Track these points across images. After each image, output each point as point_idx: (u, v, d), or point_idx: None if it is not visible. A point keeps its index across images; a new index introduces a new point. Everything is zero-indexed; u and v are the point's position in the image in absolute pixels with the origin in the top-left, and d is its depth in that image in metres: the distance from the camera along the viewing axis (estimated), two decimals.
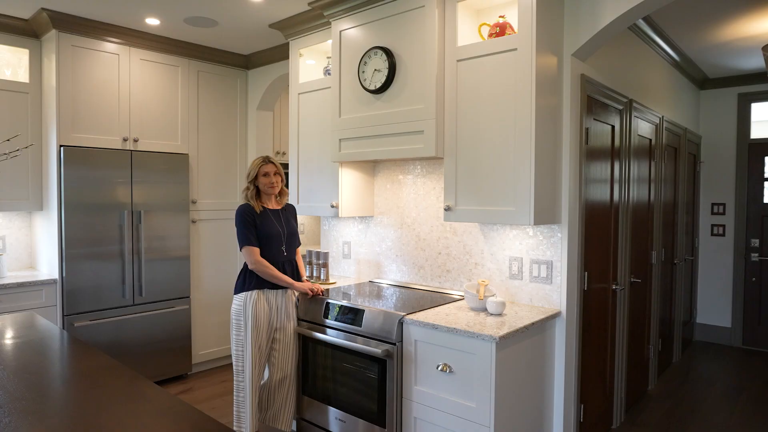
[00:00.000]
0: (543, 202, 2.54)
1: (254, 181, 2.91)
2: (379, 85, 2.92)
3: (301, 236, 3.41)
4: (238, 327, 2.84)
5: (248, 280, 2.86)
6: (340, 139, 3.16)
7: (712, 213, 5.51)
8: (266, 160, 2.93)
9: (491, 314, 2.58)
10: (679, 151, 4.73)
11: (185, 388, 4.14)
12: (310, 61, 3.73)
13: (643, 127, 3.79)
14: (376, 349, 2.59)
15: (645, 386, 4.08)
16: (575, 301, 2.79)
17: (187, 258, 4.26)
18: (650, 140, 3.95)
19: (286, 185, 3.13)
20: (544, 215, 2.56)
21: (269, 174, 2.90)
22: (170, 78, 4.18)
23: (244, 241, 2.83)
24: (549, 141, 2.58)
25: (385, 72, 2.88)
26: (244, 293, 2.85)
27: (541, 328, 2.58)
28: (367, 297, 2.99)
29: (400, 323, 2.56)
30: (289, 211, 3.07)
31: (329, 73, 3.42)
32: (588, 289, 2.97)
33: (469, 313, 2.61)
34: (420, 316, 2.53)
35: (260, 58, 4.50)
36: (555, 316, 2.67)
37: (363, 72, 3.00)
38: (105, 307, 3.81)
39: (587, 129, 2.86)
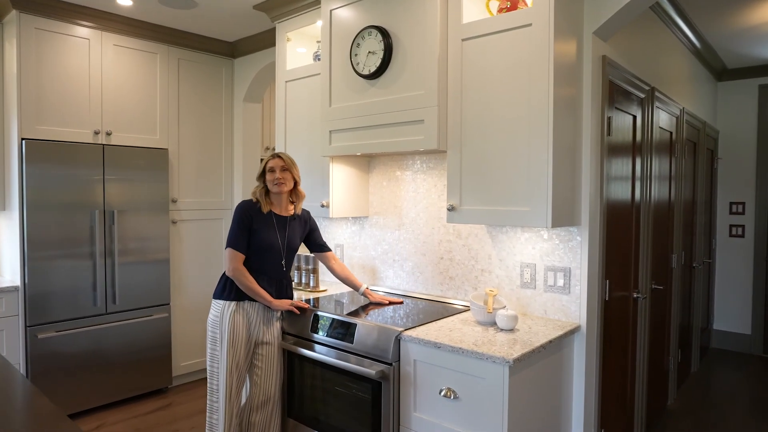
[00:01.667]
0: (561, 202, 2.20)
1: (261, 178, 2.56)
2: (373, 69, 2.58)
3: None
4: (213, 341, 2.51)
5: (228, 288, 2.52)
6: (330, 131, 2.83)
7: (731, 213, 5.17)
8: (275, 154, 2.56)
9: (501, 329, 2.25)
10: (698, 146, 4.40)
11: (165, 404, 3.81)
12: (301, 49, 3.39)
13: (664, 119, 3.46)
14: (369, 369, 2.26)
15: (665, 401, 3.75)
16: (596, 313, 2.46)
17: (166, 261, 3.92)
18: (671, 133, 3.62)
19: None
20: (563, 216, 2.23)
21: (274, 170, 2.50)
22: (147, 66, 3.84)
23: (230, 242, 2.49)
24: (568, 131, 2.25)
25: (381, 54, 2.55)
26: (222, 302, 2.52)
27: (558, 345, 2.25)
28: (360, 307, 2.66)
29: (398, 340, 2.23)
30: (299, 221, 2.67)
31: (319, 59, 3.09)
32: (609, 298, 2.64)
33: (476, 328, 2.28)
34: (420, 332, 2.20)
35: (246, 45, 4.16)
36: (574, 331, 2.34)
37: (356, 55, 2.67)
38: (74, 316, 3.46)
39: (609, 118, 2.53)
